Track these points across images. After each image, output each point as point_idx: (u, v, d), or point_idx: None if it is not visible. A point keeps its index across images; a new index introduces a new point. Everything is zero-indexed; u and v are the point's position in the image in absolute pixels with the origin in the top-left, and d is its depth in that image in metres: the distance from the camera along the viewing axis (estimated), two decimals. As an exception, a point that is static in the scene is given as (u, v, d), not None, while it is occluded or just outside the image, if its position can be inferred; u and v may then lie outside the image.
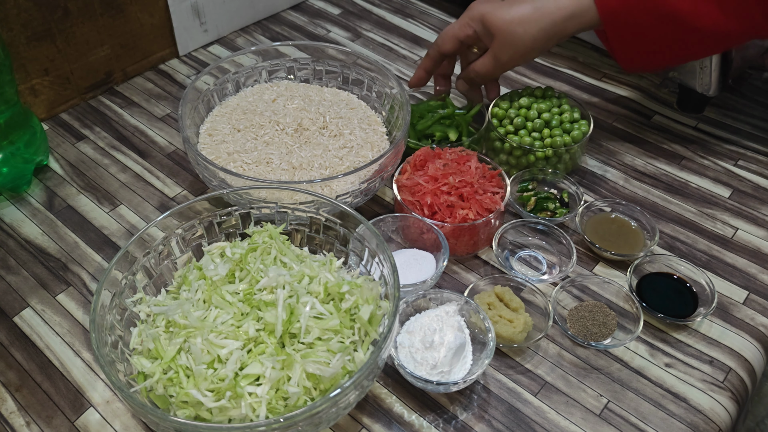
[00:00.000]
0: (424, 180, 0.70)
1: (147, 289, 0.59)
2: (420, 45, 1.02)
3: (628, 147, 0.85)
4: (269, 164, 0.72)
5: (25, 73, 0.81)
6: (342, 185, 0.67)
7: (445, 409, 0.59)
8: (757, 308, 0.67)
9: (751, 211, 0.77)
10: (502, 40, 0.72)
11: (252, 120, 0.77)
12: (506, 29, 0.72)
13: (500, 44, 0.73)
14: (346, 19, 1.07)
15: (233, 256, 0.58)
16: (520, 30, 0.71)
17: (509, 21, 0.71)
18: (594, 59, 0.99)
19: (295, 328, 0.52)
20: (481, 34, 0.74)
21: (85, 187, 0.78)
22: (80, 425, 0.58)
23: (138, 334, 0.55)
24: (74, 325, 0.65)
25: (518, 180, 0.76)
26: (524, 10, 0.71)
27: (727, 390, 0.61)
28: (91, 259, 0.71)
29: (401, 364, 0.57)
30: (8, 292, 0.67)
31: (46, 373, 0.61)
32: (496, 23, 0.72)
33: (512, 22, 0.71)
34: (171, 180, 0.80)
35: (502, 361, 0.63)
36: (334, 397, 0.47)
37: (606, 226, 0.73)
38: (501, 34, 0.72)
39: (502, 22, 0.72)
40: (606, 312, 0.65)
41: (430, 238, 0.68)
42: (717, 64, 0.81)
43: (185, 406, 0.50)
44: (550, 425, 0.58)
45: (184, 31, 0.96)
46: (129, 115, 0.88)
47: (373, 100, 0.82)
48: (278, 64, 0.84)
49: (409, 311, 0.62)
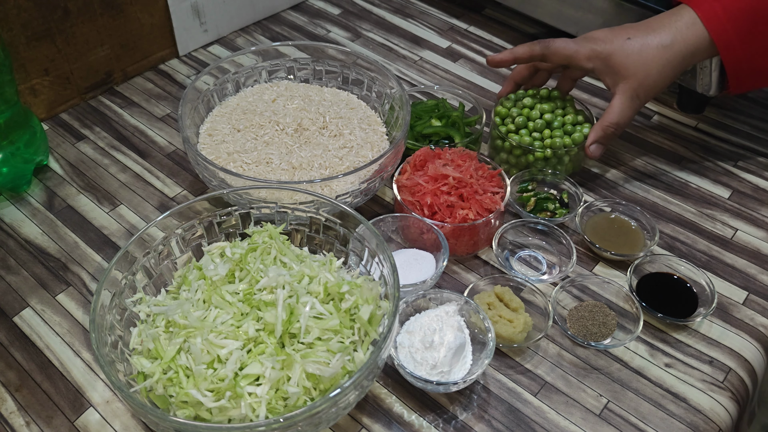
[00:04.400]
0: (424, 180, 0.70)
1: (147, 289, 0.59)
2: (420, 45, 1.02)
3: (628, 147, 0.85)
4: (269, 164, 0.72)
5: (25, 73, 0.81)
6: (342, 185, 0.67)
7: (445, 409, 0.59)
8: (757, 308, 0.67)
9: (751, 212, 0.77)
10: (636, 83, 0.67)
11: (252, 120, 0.77)
12: (642, 72, 0.66)
13: (634, 87, 0.67)
14: (346, 19, 1.07)
15: (233, 256, 0.58)
16: (655, 72, 0.66)
17: (643, 63, 0.66)
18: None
19: (295, 328, 0.52)
20: (602, 72, 0.68)
21: (85, 187, 0.78)
22: (80, 425, 0.58)
23: (138, 334, 0.55)
24: (74, 325, 0.65)
25: (518, 180, 0.76)
26: (656, 51, 0.66)
27: (727, 390, 0.61)
28: (91, 259, 0.71)
29: (401, 364, 0.57)
30: (8, 292, 0.67)
31: (46, 373, 0.61)
32: (628, 66, 0.66)
33: (646, 64, 0.66)
34: (171, 180, 0.80)
35: (502, 361, 0.63)
36: (334, 397, 0.47)
37: (606, 226, 0.73)
38: (635, 77, 0.67)
39: (635, 66, 0.66)
40: (606, 312, 0.65)
41: (430, 238, 0.68)
42: (717, 64, 0.81)
43: (185, 406, 0.50)
44: (550, 425, 0.58)
45: (184, 31, 0.96)
46: (129, 115, 0.88)
47: (373, 100, 0.82)
48: (278, 64, 0.84)
49: (409, 311, 0.62)
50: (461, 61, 0.99)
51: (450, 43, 1.02)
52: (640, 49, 0.66)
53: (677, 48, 0.67)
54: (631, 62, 0.66)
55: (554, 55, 0.72)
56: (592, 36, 0.71)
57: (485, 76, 0.96)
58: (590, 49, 0.67)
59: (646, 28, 0.69)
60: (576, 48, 0.68)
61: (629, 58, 0.66)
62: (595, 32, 0.71)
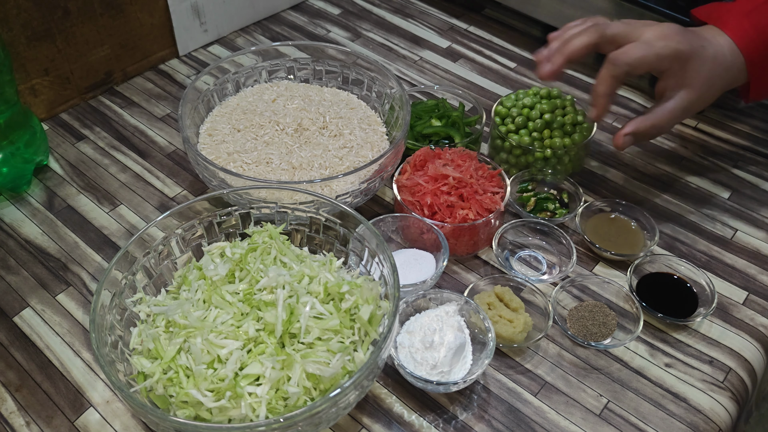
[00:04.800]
0: (424, 180, 0.70)
1: (147, 289, 0.59)
2: (420, 45, 1.02)
3: (628, 147, 0.85)
4: (269, 164, 0.72)
5: (25, 73, 0.81)
6: (342, 185, 0.67)
7: (445, 409, 0.59)
8: (757, 309, 0.67)
9: (751, 212, 0.77)
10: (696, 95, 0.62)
11: (252, 120, 0.77)
12: (706, 86, 0.62)
13: (693, 100, 0.62)
14: (346, 19, 1.07)
15: (233, 256, 0.58)
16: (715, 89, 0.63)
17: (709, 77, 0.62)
18: (594, 59, 0.98)
19: (295, 328, 0.52)
20: (670, 75, 0.62)
21: (85, 187, 0.78)
22: (80, 425, 0.58)
23: (138, 334, 0.55)
24: (74, 325, 0.65)
25: (518, 180, 0.76)
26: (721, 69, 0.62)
27: (727, 390, 0.61)
28: (91, 259, 0.71)
29: (401, 364, 0.57)
30: (8, 292, 0.67)
31: (46, 373, 0.61)
32: (700, 76, 0.61)
33: (711, 79, 0.62)
34: (171, 180, 0.80)
35: (502, 361, 0.63)
36: (334, 397, 0.47)
37: (606, 226, 0.73)
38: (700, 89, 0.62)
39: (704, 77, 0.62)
40: (606, 312, 0.65)
41: (430, 238, 0.68)
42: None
43: (185, 406, 0.50)
44: (550, 425, 0.58)
45: (184, 31, 0.96)
46: (129, 115, 0.88)
47: (373, 100, 0.82)
48: (278, 64, 0.84)
49: (409, 311, 0.62)
50: (461, 61, 0.99)
51: (450, 43, 1.02)
52: (712, 61, 0.62)
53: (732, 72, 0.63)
54: (704, 72, 0.61)
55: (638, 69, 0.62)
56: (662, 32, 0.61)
57: (485, 76, 0.96)
58: (672, 50, 0.60)
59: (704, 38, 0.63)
60: (656, 52, 0.60)
61: (703, 67, 0.61)
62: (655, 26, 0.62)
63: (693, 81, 0.61)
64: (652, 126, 0.64)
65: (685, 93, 0.62)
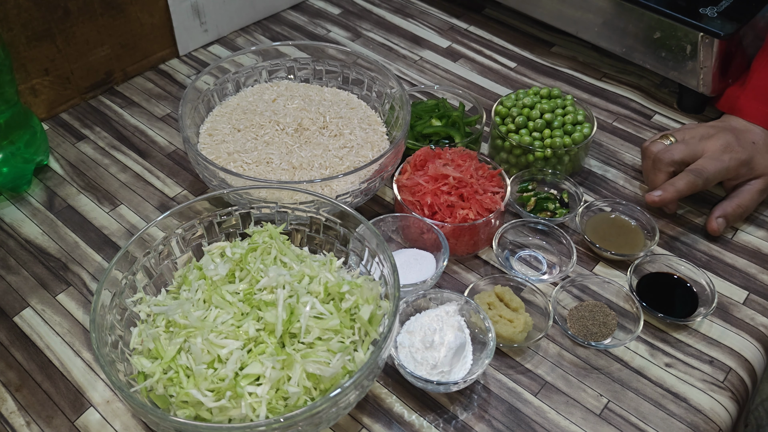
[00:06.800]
0: (424, 180, 0.70)
1: (147, 289, 0.59)
2: (420, 45, 1.02)
3: (629, 147, 0.85)
4: (269, 164, 0.72)
5: (25, 73, 0.81)
6: (342, 185, 0.67)
7: (445, 409, 0.59)
8: (757, 308, 0.67)
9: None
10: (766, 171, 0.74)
11: (252, 120, 0.77)
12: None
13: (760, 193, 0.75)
14: (346, 18, 1.07)
15: (233, 256, 0.58)
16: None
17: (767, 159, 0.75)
18: (594, 59, 0.99)
19: (295, 328, 0.52)
20: (743, 175, 0.74)
21: (85, 187, 0.78)
22: (80, 425, 0.58)
23: (138, 334, 0.55)
24: (74, 325, 0.65)
25: (518, 180, 0.76)
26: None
27: (727, 390, 0.61)
28: (91, 259, 0.71)
29: (401, 364, 0.57)
30: (8, 292, 0.67)
31: (46, 373, 0.61)
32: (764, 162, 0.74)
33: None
34: (171, 180, 0.80)
35: (502, 361, 0.63)
36: (334, 397, 0.47)
37: (606, 226, 0.73)
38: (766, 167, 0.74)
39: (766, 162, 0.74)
40: (606, 312, 0.65)
41: (430, 238, 0.68)
42: (717, 65, 0.81)
43: (185, 406, 0.50)
44: (550, 425, 0.58)
45: (184, 31, 0.96)
46: (129, 115, 0.88)
47: (373, 99, 0.82)
48: (278, 64, 0.84)
49: (409, 311, 0.62)
50: (461, 60, 0.99)
51: (450, 42, 1.02)
52: (765, 148, 0.75)
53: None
54: (765, 161, 0.74)
55: (712, 182, 0.73)
56: (721, 144, 0.73)
57: (485, 76, 0.96)
58: (738, 161, 0.72)
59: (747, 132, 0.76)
60: (727, 165, 0.72)
61: (763, 158, 0.74)
62: (713, 140, 0.74)
63: (761, 170, 0.74)
64: (738, 206, 0.74)
65: (757, 182, 0.74)
